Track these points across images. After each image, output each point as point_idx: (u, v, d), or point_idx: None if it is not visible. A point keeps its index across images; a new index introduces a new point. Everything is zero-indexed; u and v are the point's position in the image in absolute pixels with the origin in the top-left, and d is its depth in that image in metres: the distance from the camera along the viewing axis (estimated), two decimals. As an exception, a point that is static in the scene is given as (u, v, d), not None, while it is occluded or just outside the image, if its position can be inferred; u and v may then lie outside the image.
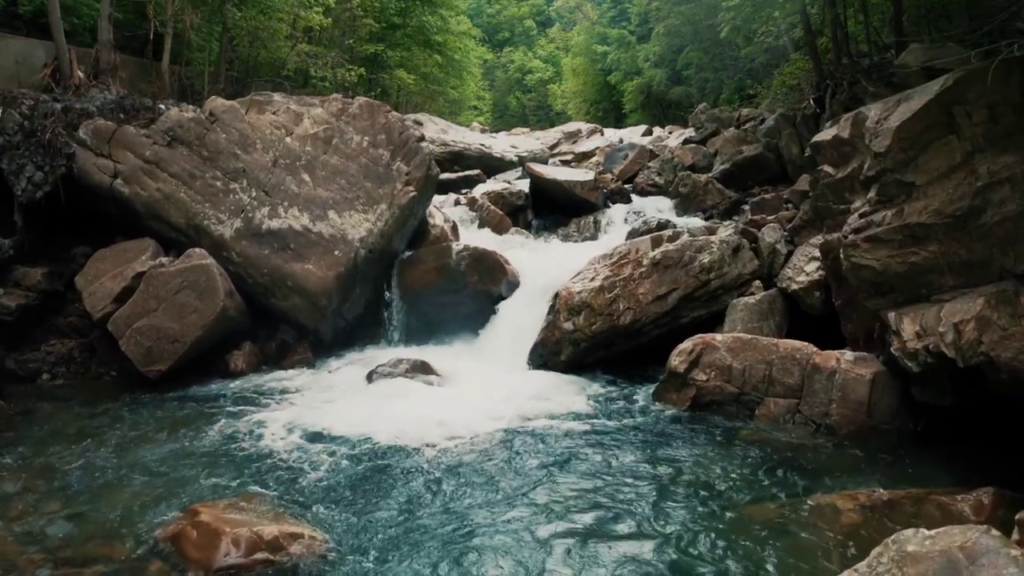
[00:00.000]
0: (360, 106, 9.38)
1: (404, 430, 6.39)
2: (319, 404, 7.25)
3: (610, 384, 7.89)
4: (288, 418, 6.77)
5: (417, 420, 6.61)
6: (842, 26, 13.74)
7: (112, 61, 11.60)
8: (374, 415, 6.72)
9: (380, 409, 6.93)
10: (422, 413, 6.75)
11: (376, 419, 6.59)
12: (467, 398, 7.29)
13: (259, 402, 7.45)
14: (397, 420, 6.59)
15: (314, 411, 6.97)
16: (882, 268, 6.31)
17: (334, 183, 8.97)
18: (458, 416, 6.77)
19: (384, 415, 6.69)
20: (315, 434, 6.36)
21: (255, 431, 6.48)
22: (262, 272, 8.57)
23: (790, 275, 8.52)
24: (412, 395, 7.33)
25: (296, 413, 6.93)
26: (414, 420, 6.58)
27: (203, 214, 8.70)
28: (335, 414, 6.84)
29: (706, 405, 7.09)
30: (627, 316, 7.96)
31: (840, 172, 7.21)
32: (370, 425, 6.46)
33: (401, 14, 24.12)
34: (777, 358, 6.96)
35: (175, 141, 9.00)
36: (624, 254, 8.38)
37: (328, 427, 6.46)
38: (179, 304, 8.15)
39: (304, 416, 6.79)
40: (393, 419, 6.59)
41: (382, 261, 9.18)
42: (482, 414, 6.93)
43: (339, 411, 6.92)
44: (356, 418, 6.66)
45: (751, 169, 13.34)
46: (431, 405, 7.06)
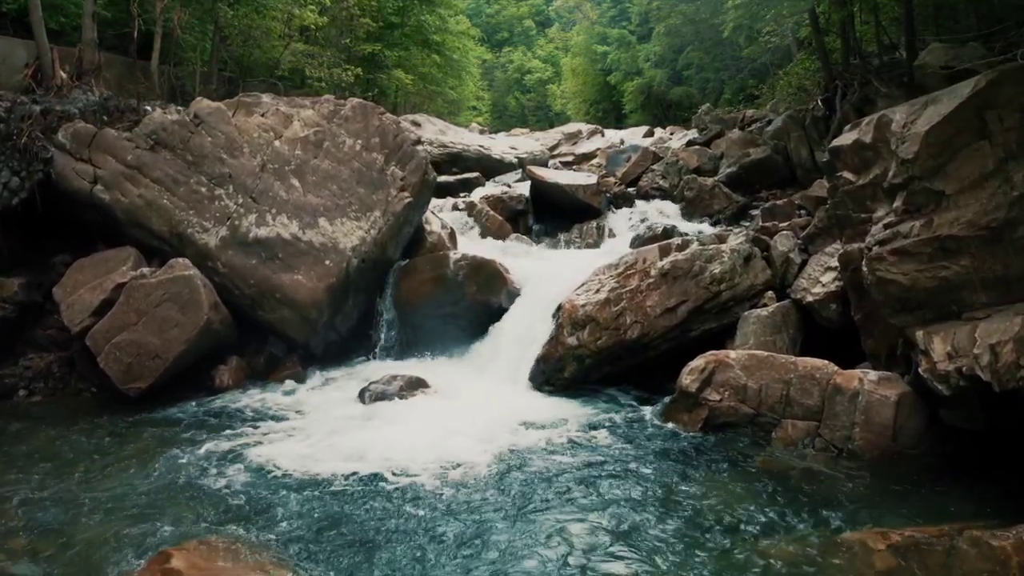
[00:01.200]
0: (353, 108, 8.94)
1: (397, 458, 5.95)
2: (307, 427, 6.82)
3: (616, 402, 7.47)
4: (273, 443, 6.34)
5: (411, 446, 6.17)
6: (852, 25, 13.33)
7: (96, 61, 11.17)
8: (365, 440, 6.29)
9: (372, 433, 6.51)
10: (417, 437, 6.32)
11: (367, 445, 6.16)
12: (464, 419, 6.86)
13: (243, 424, 7.02)
14: (390, 446, 6.16)
15: (301, 435, 6.55)
16: (910, 283, 5.90)
17: (325, 189, 8.54)
18: (455, 440, 6.34)
19: (376, 440, 6.26)
20: (301, 462, 5.92)
21: (237, 459, 6.05)
22: (249, 283, 8.14)
23: (805, 286, 8.11)
24: (406, 416, 6.91)
25: (282, 437, 6.50)
26: (408, 446, 6.15)
27: (187, 222, 8.26)
28: (324, 439, 6.41)
29: (719, 427, 6.67)
30: (634, 330, 7.54)
31: (861, 179, 6.78)
32: (361, 452, 6.03)
33: (399, 13, 23.75)
34: (795, 377, 6.53)
35: (158, 145, 8.57)
36: (631, 264, 7.95)
37: (315, 454, 6.03)
38: (160, 318, 7.72)
39: (290, 441, 6.36)
40: (385, 445, 6.16)
41: (376, 271, 8.75)
42: (480, 437, 6.50)
43: (328, 435, 6.49)
44: (346, 444, 6.23)
45: (759, 172, 12.93)
46: (426, 427, 6.63)
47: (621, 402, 7.49)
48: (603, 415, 7.11)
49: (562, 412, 7.14)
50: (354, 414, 7.14)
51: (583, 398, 7.53)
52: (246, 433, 6.69)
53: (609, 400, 7.53)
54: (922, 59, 8.75)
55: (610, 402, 7.48)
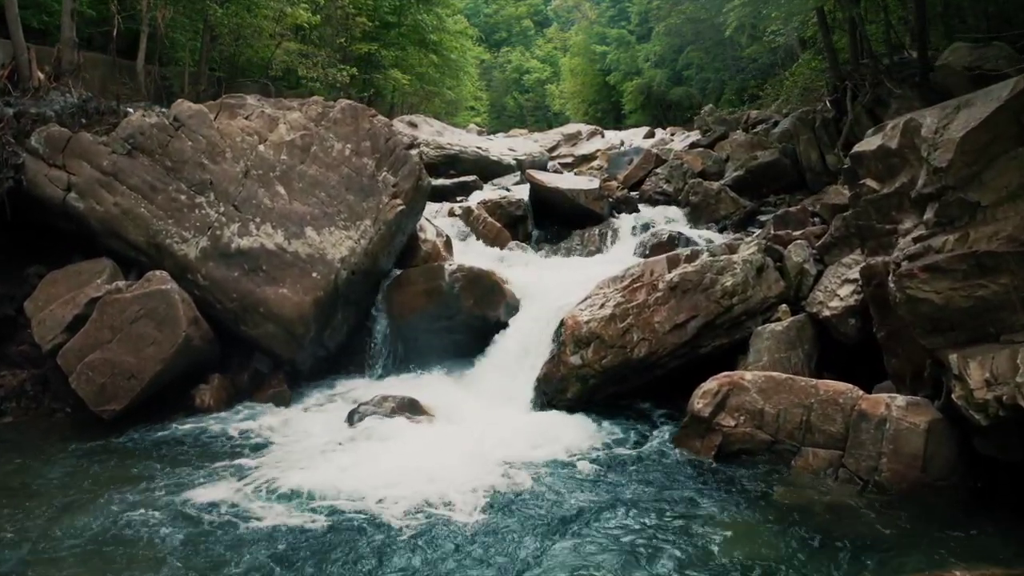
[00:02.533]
0: (342, 110, 8.45)
1: (389, 490, 5.47)
2: (291, 454, 6.34)
3: (623, 425, 6.99)
4: (253, 474, 5.85)
5: (403, 476, 5.69)
6: (862, 24, 12.87)
7: (75, 61, 10.66)
8: (353, 470, 5.81)
9: (361, 461, 6.03)
10: (409, 466, 5.84)
11: (356, 476, 5.67)
12: (461, 445, 6.39)
13: (223, 450, 6.54)
14: (380, 476, 5.68)
15: (285, 463, 6.06)
16: (943, 302, 5.43)
17: (312, 196, 8.05)
18: (451, 469, 5.86)
19: (365, 470, 5.78)
20: (283, 496, 5.42)
21: (213, 493, 5.56)
22: (231, 297, 7.65)
23: (821, 299, 7.65)
24: (398, 441, 6.43)
25: (263, 466, 6.00)
26: (400, 477, 5.67)
27: (165, 232, 7.77)
28: (309, 468, 5.93)
29: (734, 454, 6.21)
30: (642, 348, 7.07)
31: (886, 187, 6.33)
32: (348, 484, 5.54)
33: (396, 12, 23.33)
34: (816, 402, 6.07)
35: (136, 150, 8.07)
36: (637, 277, 7.48)
37: (299, 486, 5.53)
38: (136, 335, 7.23)
39: (272, 471, 5.87)
40: (376, 475, 5.68)
41: (367, 283, 8.27)
42: (478, 465, 6.03)
43: (314, 464, 6.01)
44: (332, 474, 5.74)
45: (766, 176, 12.48)
46: (420, 454, 6.16)
47: (627, 425, 7.01)
48: (608, 441, 6.63)
49: (564, 437, 6.66)
50: (341, 440, 6.66)
51: (587, 420, 7.05)
52: (223, 462, 6.20)
53: (615, 423, 7.05)
54: (944, 59, 8.29)
55: (616, 425, 7.00)
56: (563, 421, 6.92)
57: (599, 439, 6.63)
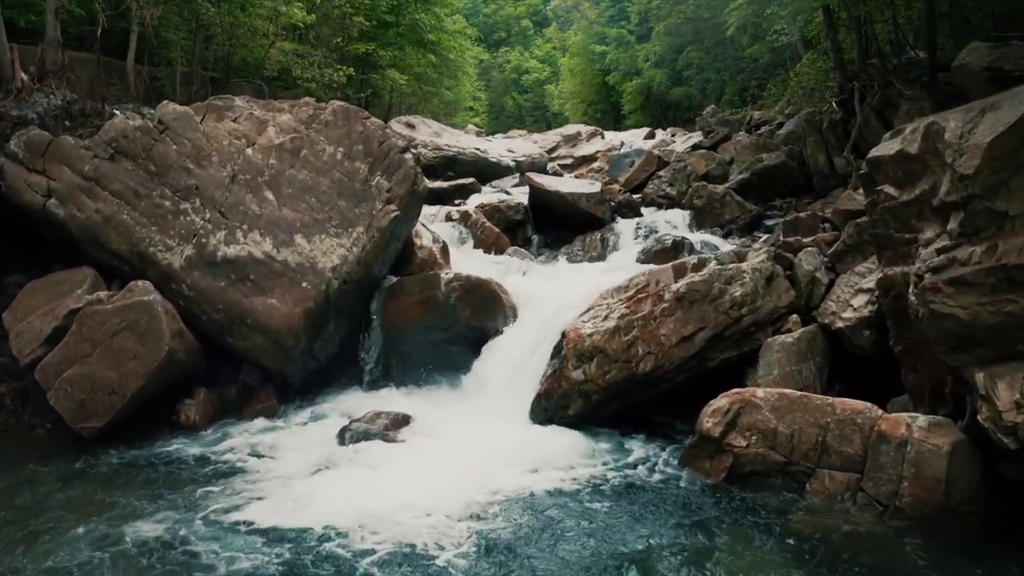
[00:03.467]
0: (334, 112, 8.11)
1: (380, 519, 5.14)
2: (278, 477, 6.00)
3: (628, 444, 6.66)
4: (236, 501, 5.52)
5: (396, 501, 5.36)
6: (870, 23, 12.55)
7: (59, 61, 10.32)
8: (343, 496, 5.47)
9: (351, 485, 5.70)
10: (403, 491, 5.50)
11: (345, 502, 5.34)
12: (458, 466, 6.06)
13: (206, 472, 6.20)
14: (371, 502, 5.35)
15: (270, 489, 5.72)
16: (969, 318, 5.11)
17: (302, 202, 7.71)
18: (447, 493, 5.54)
19: (356, 495, 5.44)
20: (266, 531, 5.06)
21: (193, 522, 5.23)
22: (217, 308, 7.32)
23: (833, 309, 7.33)
24: (391, 462, 6.09)
25: (248, 492, 5.67)
26: (392, 502, 5.33)
27: (149, 240, 7.44)
28: (295, 493, 5.60)
29: (745, 476, 5.88)
30: (647, 362, 6.73)
31: (905, 194, 5.99)
32: (338, 512, 5.20)
33: (393, 12, 23.04)
34: (833, 422, 5.74)
35: (119, 154, 7.74)
36: (642, 287, 7.15)
37: (284, 517, 5.20)
38: (117, 349, 6.91)
39: (256, 498, 5.54)
40: (367, 502, 5.35)
41: (359, 292, 7.93)
42: (476, 489, 5.71)
43: (301, 489, 5.67)
44: (320, 501, 5.41)
45: (772, 179, 12.14)
46: (414, 477, 5.82)
47: (633, 443, 6.68)
48: (613, 460, 6.31)
49: (566, 456, 6.33)
50: (332, 459, 6.33)
51: (590, 438, 6.72)
52: (210, 483, 5.88)
53: (619, 440, 6.72)
54: (961, 59, 7.96)
55: (620, 443, 6.68)
56: (564, 439, 6.58)
57: (602, 459, 6.30)
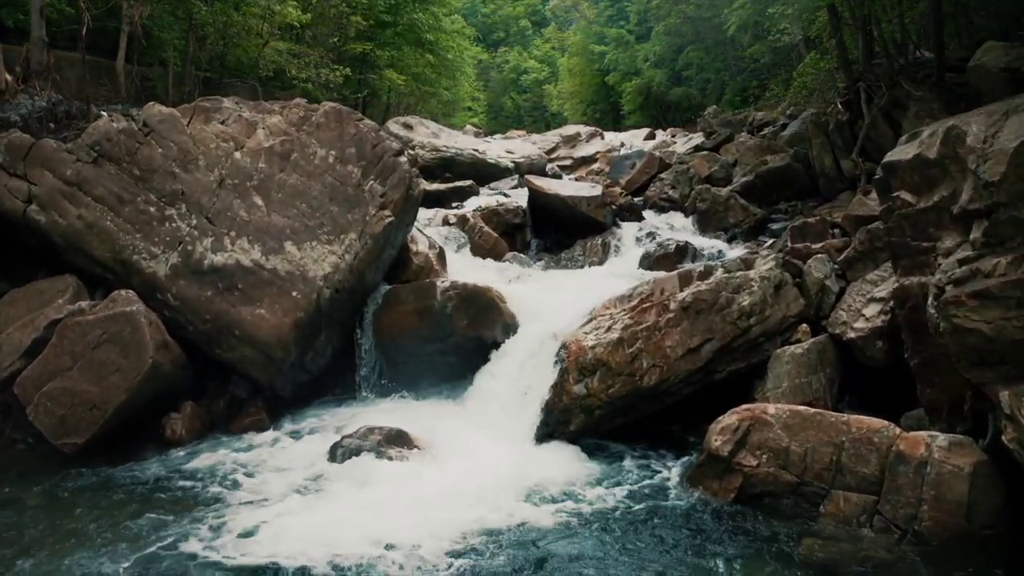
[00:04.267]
0: (325, 114, 7.82)
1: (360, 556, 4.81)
2: (265, 499, 5.71)
3: (631, 461, 6.38)
4: (212, 528, 5.21)
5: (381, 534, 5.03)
6: (876, 23, 12.28)
7: (45, 61, 10.04)
8: (332, 522, 5.18)
9: (342, 509, 5.41)
10: (389, 521, 5.17)
11: (326, 534, 5.00)
12: (455, 486, 5.77)
13: (186, 494, 5.90)
14: (354, 534, 5.01)
15: (257, 513, 5.42)
16: (993, 333, 4.83)
17: (293, 207, 7.43)
18: (438, 523, 5.22)
19: (339, 525, 5.12)
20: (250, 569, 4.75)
21: (173, 550, 4.94)
22: (203, 318, 7.03)
23: (845, 319, 7.06)
24: (382, 484, 5.80)
25: (226, 518, 5.35)
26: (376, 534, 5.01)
27: (132, 247, 7.15)
28: (282, 518, 5.30)
29: (756, 497, 5.60)
30: (652, 376, 6.45)
31: (923, 201, 5.72)
32: (316, 545, 4.87)
33: (391, 11, 22.77)
34: (848, 440, 5.46)
35: (102, 157, 7.45)
36: (646, 296, 6.87)
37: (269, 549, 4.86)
38: (99, 362, 6.62)
39: (241, 524, 5.24)
40: (349, 534, 5.01)
41: (352, 301, 7.64)
42: (473, 512, 5.42)
43: (288, 513, 5.37)
44: (308, 527, 5.11)
45: (777, 182, 11.88)
46: (404, 503, 5.52)
47: (637, 459, 6.40)
48: (615, 480, 6.01)
49: (566, 476, 6.04)
50: (322, 478, 6.05)
51: (592, 455, 6.44)
52: (184, 510, 5.57)
53: (622, 457, 6.44)
54: (977, 59, 7.69)
55: (624, 460, 6.39)
56: (564, 457, 6.30)
57: (604, 479, 6.01)
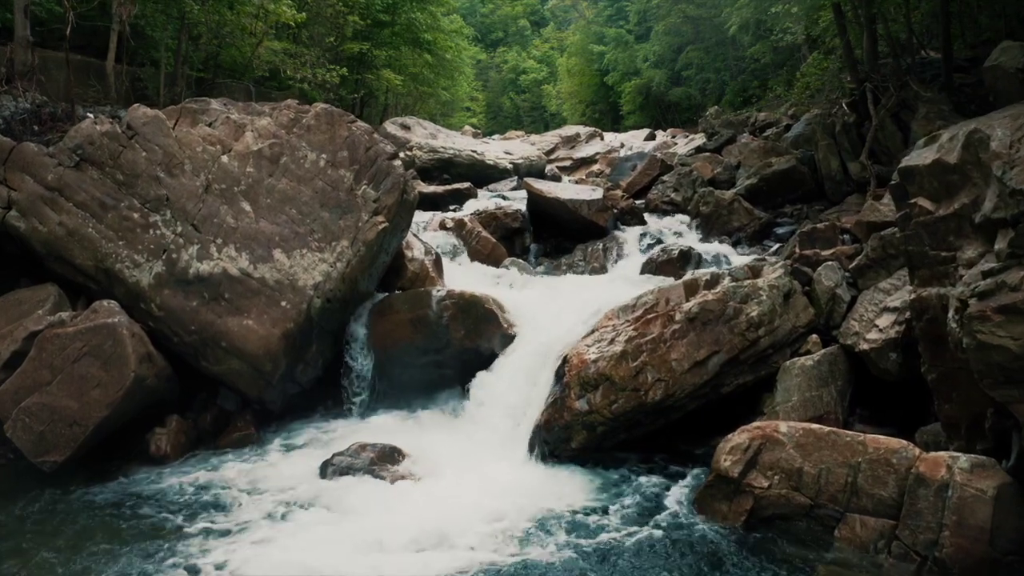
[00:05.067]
0: (316, 115, 7.53)
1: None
2: (249, 521, 5.42)
3: (635, 481, 6.09)
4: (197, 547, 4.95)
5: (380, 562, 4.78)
6: (884, 22, 12.02)
7: (30, 61, 9.75)
8: (321, 548, 4.90)
9: (331, 534, 5.13)
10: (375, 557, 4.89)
11: (323, 556, 4.76)
12: (447, 505, 5.50)
13: (169, 515, 5.60)
14: (353, 556, 4.77)
15: (240, 538, 5.15)
16: (1020, 350, 4.55)
17: (282, 214, 7.15)
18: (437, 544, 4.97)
19: (335, 549, 4.86)
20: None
21: None
22: (189, 329, 6.75)
23: (857, 329, 6.78)
24: (378, 504, 5.52)
25: (211, 538, 5.09)
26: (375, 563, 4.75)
27: (115, 255, 6.87)
28: (267, 544, 5.02)
29: (767, 520, 5.33)
30: (657, 390, 6.17)
31: (942, 208, 5.44)
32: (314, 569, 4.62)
33: (388, 11, 22.51)
34: (865, 461, 5.18)
35: (84, 162, 7.16)
36: (651, 306, 6.59)
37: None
38: (79, 376, 6.33)
39: (223, 551, 4.96)
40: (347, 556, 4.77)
41: (345, 310, 7.36)
42: (470, 535, 5.14)
43: (273, 539, 5.10)
44: (295, 552, 4.84)
45: (782, 185, 11.60)
46: (402, 522, 5.26)
47: (641, 478, 6.11)
48: (619, 502, 5.72)
49: (569, 495, 5.77)
50: (312, 498, 5.76)
51: (594, 474, 6.16)
52: (167, 534, 5.29)
53: (626, 476, 6.16)
54: (994, 59, 7.42)
55: (628, 479, 6.11)
56: (566, 477, 6.02)
57: (606, 502, 5.72)
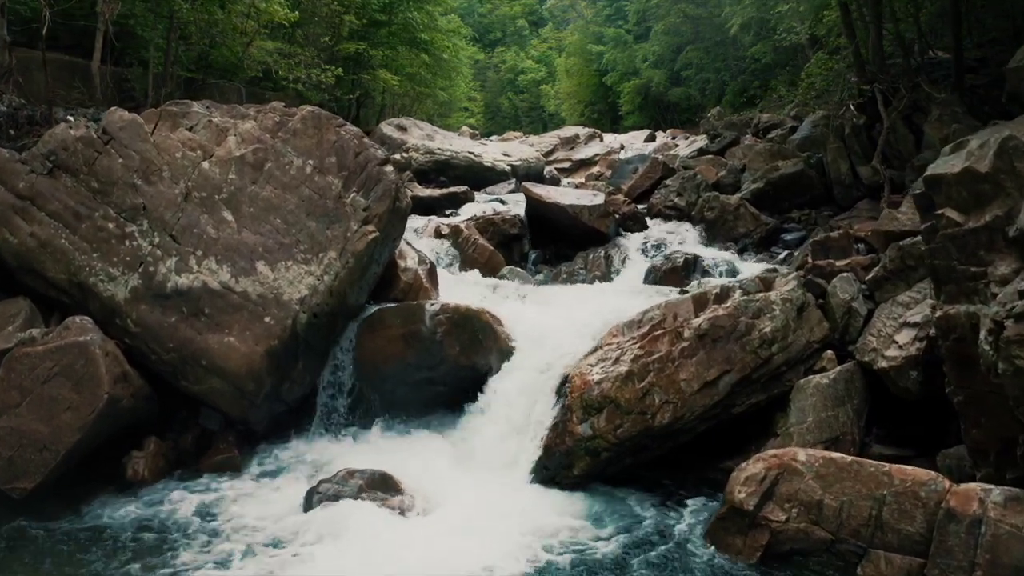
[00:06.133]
0: (303, 119, 7.14)
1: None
2: (228, 558, 5.04)
3: (642, 509, 5.71)
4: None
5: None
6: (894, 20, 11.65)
7: (7, 62, 9.36)
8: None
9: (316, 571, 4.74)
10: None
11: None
12: (444, 540, 5.12)
13: (149, 549, 5.23)
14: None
15: None
16: (1064, 376, 4.20)
17: (266, 223, 6.75)
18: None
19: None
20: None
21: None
22: (167, 347, 6.36)
23: (875, 345, 6.42)
24: (367, 540, 5.11)
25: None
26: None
27: (89, 268, 6.48)
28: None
29: (784, 555, 4.96)
30: (665, 413, 5.79)
31: (972, 220, 5.07)
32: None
33: (385, 10, 22.16)
34: (890, 494, 4.81)
35: (58, 169, 6.77)
36: (658, 322, 6.21)
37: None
38: (49, 398, 5.93)
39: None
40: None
41: (333, 325, 6.97)
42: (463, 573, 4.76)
43: None
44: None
45: (790, 190, 11.23)
46: (391, 556, 4.88)
47: (647, 507, 5.73)
48: (626, 533, 5.34)
49: (571, 527, 5.39)
50: (296, 531, 5.37)
51: (598, 501, 5.78)
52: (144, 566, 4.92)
53: (632, 505, 5.77)
54: (1019, 60, 7.05)
55: (634, 508, 5.72)
56: (567, 506, 5.63)
57: (612, 533, 5.34)
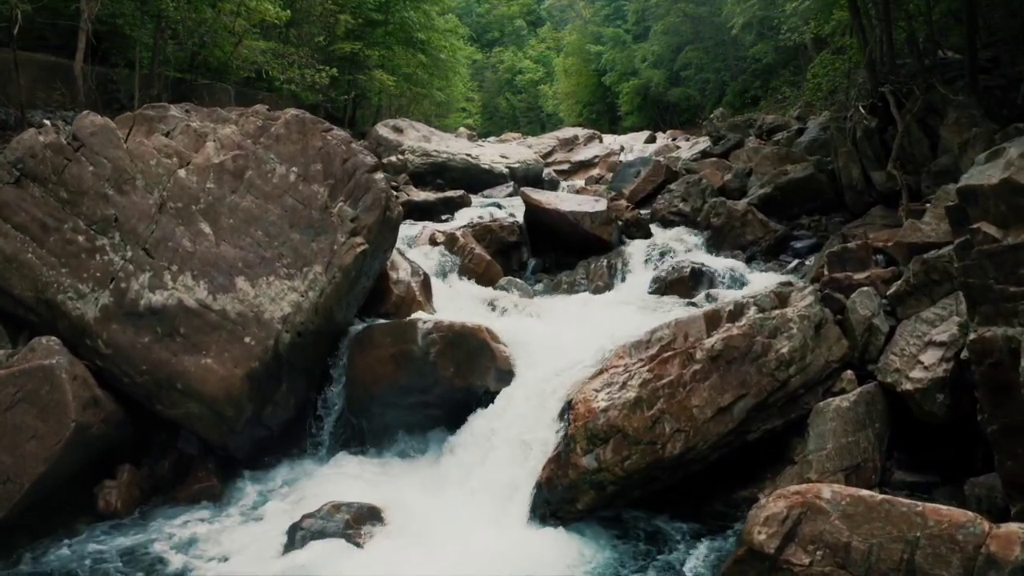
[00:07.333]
0: (287, 123, 6.70)
1: None
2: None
3: (651, 545, 5.28)
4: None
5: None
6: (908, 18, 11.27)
7: (-20, 63, 8.95)
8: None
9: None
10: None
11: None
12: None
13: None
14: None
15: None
16: (1122, 411, 3.78)
17: (246, 236, 6.32)
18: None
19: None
20: None
21: None
22: (140, 369, 5.92)
23: (898, 366, 6.00)
24: (348, 580, 4.71)
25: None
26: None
27: (57, 284, 6.04)
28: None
29: (808, 602, 4.53)
30: (676, 443, 5.36)
31: (1011, 236, 4.66)
32: None
33: (381, 9, 21.85)
34: (924, 536, 4.38)
35: (25, 177, 6.33)
36: (667, 343, 5.77)
37: None
38: (12, 426, 5.50)
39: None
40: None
41: (319, 344, 6.53)
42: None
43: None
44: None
45: (799, 195, 10.83)
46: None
47: (657, 544, 5.30)
48: (636, 573, 4.92)
49: (575, 566, 4.96)
50: (277, 573, 4.94)
51: (604, 538, 5.34)
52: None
53: (640, 540, 5.34)
54: (1050, 59, 6.65)
55: (642, 544, 5.29)
56: (568, 545, 5.18)
57: (620, 573, 4.92)
